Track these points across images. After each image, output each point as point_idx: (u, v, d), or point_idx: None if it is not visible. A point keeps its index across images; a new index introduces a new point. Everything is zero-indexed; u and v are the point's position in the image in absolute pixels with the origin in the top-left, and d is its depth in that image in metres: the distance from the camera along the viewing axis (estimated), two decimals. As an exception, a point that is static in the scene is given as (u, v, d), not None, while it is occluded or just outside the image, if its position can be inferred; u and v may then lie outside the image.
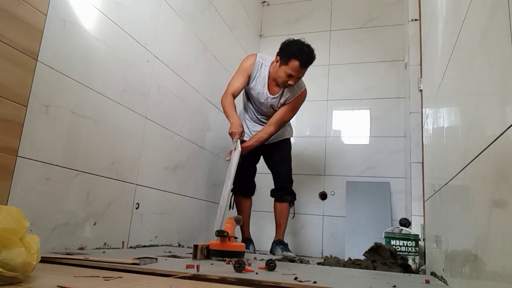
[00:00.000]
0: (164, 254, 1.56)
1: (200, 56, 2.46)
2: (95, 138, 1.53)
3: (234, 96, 2.26)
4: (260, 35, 3.63)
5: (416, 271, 1.79)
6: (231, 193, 2.27)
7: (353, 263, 1.69)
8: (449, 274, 1.16)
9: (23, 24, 1.20)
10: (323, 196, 3.08)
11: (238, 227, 2.36)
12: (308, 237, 2.36)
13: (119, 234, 1.68)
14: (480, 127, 0.82)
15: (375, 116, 3.14)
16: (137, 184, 1.79)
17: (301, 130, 3.22)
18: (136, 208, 1.79)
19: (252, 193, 2.46)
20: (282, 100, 2.28)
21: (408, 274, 1.57)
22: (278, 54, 2.18)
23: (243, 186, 2.40)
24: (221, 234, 1.49)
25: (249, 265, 1.24)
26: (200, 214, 2.41)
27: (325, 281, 1.06)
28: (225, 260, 1.40)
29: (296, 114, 2.37)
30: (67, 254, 1.23)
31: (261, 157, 2.48)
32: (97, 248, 1.53)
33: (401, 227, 2.22)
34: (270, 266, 1.20)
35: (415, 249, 2.02)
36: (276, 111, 2.29)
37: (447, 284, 1.18)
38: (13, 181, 1.17)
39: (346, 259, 1.81)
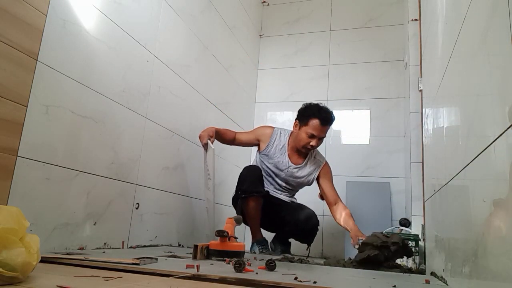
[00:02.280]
0: (164, 254, 1.56)
1: (200, 56, 2.46)
2: (95, 138, 1.53)
3: (235, 139, 2.35)
4: (260, 35, 3.63)
5: (416, 271, 1.79)
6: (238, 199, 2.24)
7: (351, 263, 1.69)
8: (449, 274, 1.16)
9: (23, 24, 1.20)
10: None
11: (240, 228, 2.34)
12: (308, 237, 2.38)
13: (119, 234, 1.68)
14: (480, 127, 0.82)
15: (375, 116, 3.15)
16: (137, 184, 1.79)
17: (301, 130, 3.22)
18: (136, 208, 1.79)
19: (263, 191, 2.20)
20: (306, 172, 2.26)
21: (408, 274, 1.57)
22: (297, 118, 2.23)
23: (253, 185, 2.17)
24: (221, 234, 1.49)
25: (249, 265, 1.24)
26: (200, 214, 2.41)
27: (325, 281, 1.06)
28: (225, 260, 1.40)
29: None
30: (67, 254, 1.23)
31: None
32: (97, 248, 1.53)
33: (401, 227, 2.22)
34: (270, 266, 1.20)
35: (415, 249, 2.02)
36: (296, 180, 2.27)
37: (447, 284, 1.18)
38: (13, 181, 1.17)
39: (346, 259, 1.81)
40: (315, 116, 2.13)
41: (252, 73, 3.48)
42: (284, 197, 2.31)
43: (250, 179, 2.20)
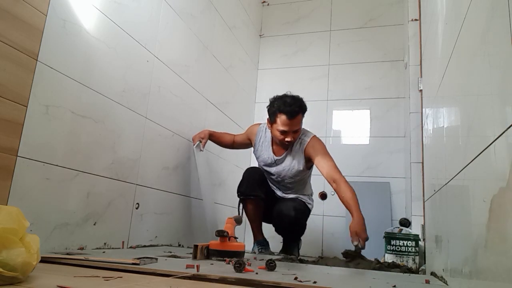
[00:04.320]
0: (164, 254, 1.56)
1: (200, 56, 2.46)
2: (95, 138, 1.53)
3: (234, 142, 2.38)
4: (260, 35, 3.63)
5: (416, 271, 1.79)
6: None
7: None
8: (449, 274, 1.16)
9: (23, 24, 1.20)
10: (323, 196, 3.08)
11: (240, 228, 2.33)
12: (308, 237, 2.36)
13: (119, 234, 1.68)
14: (480, 127, 0.82)
15: (375, 116, 3.15)
16: (137, 184, 1.79)
17: (301, 130, 3.22)
18: (136, 208, 1.79)
19: (261, 194, 2.17)
20: (291, 157, 2.13)
21: (408, 274, 1.57)
22: (268, 116, 2.13)
23: (250, 188, 2.17)
24: (221, 234, 1.49)
25: (249, 265, 1.24)
26: (200, 214, 2.41)
27: (325, 281, 1.06)
28: (225, 260, 1.40)
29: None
30: (67, 254, 1.24)
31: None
32: (97, 248, 1.53)
33: (401, 227, 2.22)
34: (270, 266, 1.20)
35: (415, 249, 2.02)
36: (286, 169, 2.16)
37: (447, 284, 1.18)
38: (13, 181, 1.17)
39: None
40: (281, 111, 2.00)
41: (252, 73, 3.48)
42: (289, 195, 2.23)
43: (248, 181, 2.18)
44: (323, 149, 2.10)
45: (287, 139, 2.05)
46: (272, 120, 2.08)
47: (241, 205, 2.23)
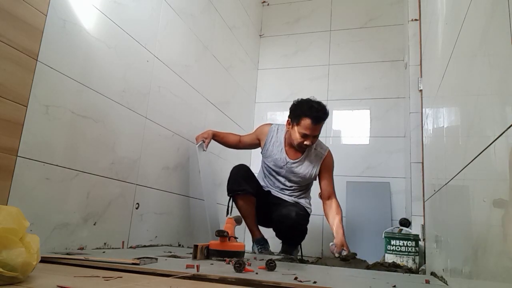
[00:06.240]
0: (164, 254, 1.56)
1: (200, 56, 2.46)
2: (95, 138, 1.53)
3: (240, 142, 2.39)
4: (260, 35, 3.63)
5: (416, 271, 1.79)
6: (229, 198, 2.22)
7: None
8: (449, 274, 1.16)
9: (23, 24, 1.20)
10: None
11: (240, 228, 2.31)
12: (308, 237, 2.36)
13: (119, 234, 1.68)
14: (480, 127, 0.82)
15: (375, 116, 3.15)
16: (137, 184, 1.79)
17: (301, 130, 3.22)
18: (136, 208, 1.79)
19: (249, 189, 2.15)
20: (306, 166, 2.18)
21: (408, 274, 1.57)
22: (289, 116, 2.15)
23: (236, 184, 2.16)
24: (221, 234, 1.49)
25: (249, 265, 1.24)
26: (200, 214, 2.41)
27: (325, 281, 1.06)
28: (225, 260, 1.40)
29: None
30: (67, 254, 1.24)
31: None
32: (97, 248, 1.53)
33: (401, 227, 2.22)
34: (270, 266, 1.20)
35: (415, 249, 2.02)
36: (298, 176, 2.19)
37: (447, 284, 1.18)
38: (13, 181, 1.17)
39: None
40: (306, 115, 2.04)
41: (252, 73, 3.48)
42: (287, 197, 2.24)
43: (235, 178, 2.18)
44: (332, 168, 2.25)
45: (306, 142, 2.08)
46: (295, 122, 2.10)
47: (229, 203, 2.21)
